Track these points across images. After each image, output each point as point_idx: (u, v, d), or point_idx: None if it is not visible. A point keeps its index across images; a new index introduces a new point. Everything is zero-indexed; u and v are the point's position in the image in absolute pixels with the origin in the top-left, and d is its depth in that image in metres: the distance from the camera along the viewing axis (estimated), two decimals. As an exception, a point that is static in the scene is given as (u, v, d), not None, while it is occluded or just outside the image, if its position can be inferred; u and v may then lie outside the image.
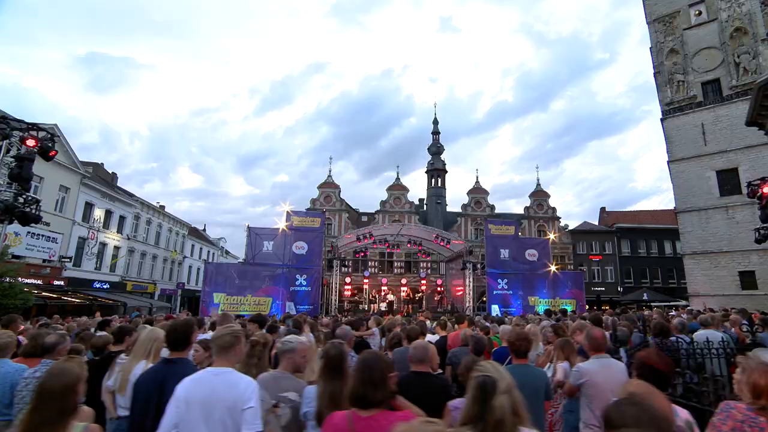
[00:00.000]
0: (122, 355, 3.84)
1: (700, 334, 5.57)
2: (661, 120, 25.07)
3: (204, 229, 49.16)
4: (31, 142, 7.74)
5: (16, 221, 7.77)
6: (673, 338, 5.31)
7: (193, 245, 42.32)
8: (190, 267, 41.52)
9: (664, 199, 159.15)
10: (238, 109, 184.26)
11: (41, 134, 8.11)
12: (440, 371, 4.35)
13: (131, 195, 33.95)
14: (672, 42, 25.42)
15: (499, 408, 1.57)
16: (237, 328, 2.67)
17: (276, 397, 2.60)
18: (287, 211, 20.74)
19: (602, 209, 43.39)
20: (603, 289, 34.64)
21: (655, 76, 25.59)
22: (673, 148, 23.91)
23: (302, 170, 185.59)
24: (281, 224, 20.52)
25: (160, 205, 37.83)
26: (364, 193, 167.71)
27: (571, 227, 39.07)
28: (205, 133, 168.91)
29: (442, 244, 24.73)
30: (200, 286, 42.70)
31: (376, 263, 34.88)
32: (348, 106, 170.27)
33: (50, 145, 8.15)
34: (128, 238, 32.07)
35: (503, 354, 4.88)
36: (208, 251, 45.87)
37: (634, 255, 36.84)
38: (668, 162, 24.29)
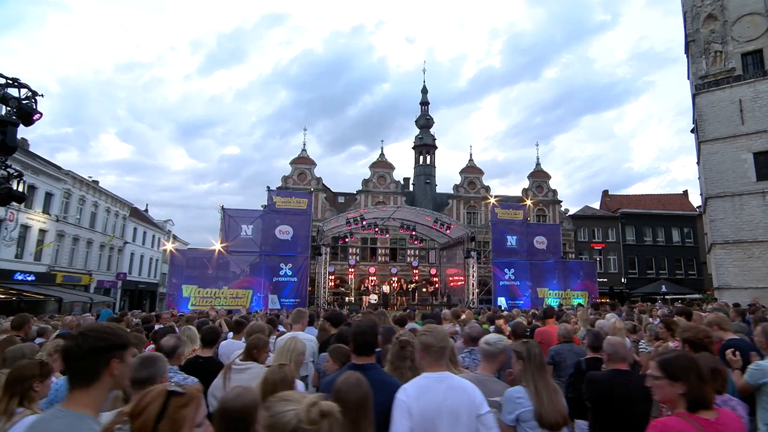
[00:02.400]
0: (237, 360, 3.82)
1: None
2: (693, 96, 25.89)
3: (146, 210, 47.36)
4: (12, 103, 7.22)
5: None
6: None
7: (135, 229, 40.80)
8: (132, 254, 40.14)
9: (661, 182, 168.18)
10: (178, 65, 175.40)
11: (23, 92, 7.58)
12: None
13: (58, 167, 32.06)
14: (710, 6, 25.68)
15: None
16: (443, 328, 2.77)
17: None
18: (269, 190, 20.40)
19: (604, 192, 45.50)
20: (605, 280, 36.54)
21: (687, 46, 26.34)
22: (706, 126, 24.72)
23: (256, 141, 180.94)
24: (260, 205, 20.22)
25: (92, 180, 36.03)
26: (328, 169, 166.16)
27: (570, 212, 40.78)
28: (135, 93, 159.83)
29: (441, 229, 25.18)
30: (144, 277, 42.17)
31: (358, 250, 35.10)
32: (311, 68, 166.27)
33: (32, 105, 7.65)
34: (57, 220, 30.46)
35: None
36: (153, 236, 44.39)
37: (639, 243, 39.11)
38: (699, 142, 25.31)
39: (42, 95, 7.80)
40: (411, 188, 41.44)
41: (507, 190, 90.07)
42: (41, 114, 7.81)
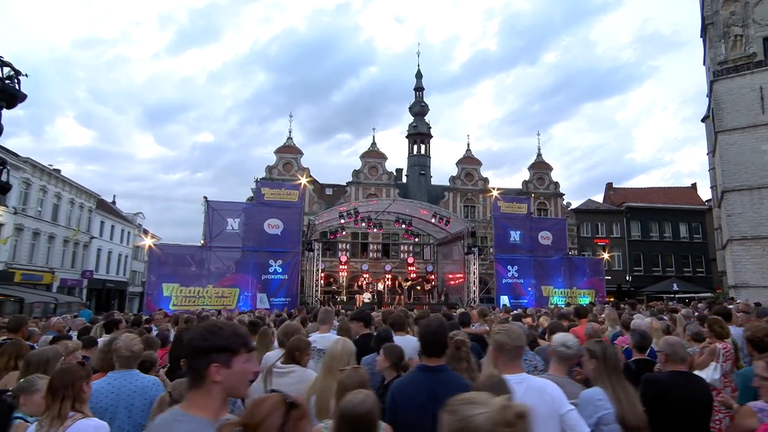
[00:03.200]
0: (278, 363, 3.85)
1: None
2: (711, 82, 26.33)
3: (113, 202, 46.61)
4: (-4, 82, 7.07)
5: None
6: None
7: (102, 222, 40.13)
8: (99, 250, 39.52)
9: (665, 174, 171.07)
10: (145, 43, 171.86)
11: (6, 71, 7.42)
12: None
13: (16, 155, 31.29)
14: (731, -14, 25.86)
15: None
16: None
17: (563, 405, 2.83)
18: (256, 181, 20.31)
19: (608, 185, 46.28)
20: (609, 277, 37.30)
21: (704, 29, 26.59)
22: (724, 115, 25.16)
23: (232, 128, 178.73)
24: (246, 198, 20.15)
25: (54, 169, 35.28)
26: (311, 159, 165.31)
27: (572, 206, 41.39)
28: (97, 72, 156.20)
29: (440, 224, 25.32)
30: (113, 275, 41.64)
31: (348, 246, 35.19)
32: (292, 48, 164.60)
33: (16, 86, 7.50)
34: (15, 213, 29.81)
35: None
36: (122, 230, 43.79)
37: (645, 239, 39.99)
38: (716, 132, 25.81)
39: (26, 75, 7.65)
40: (404, 180, 41.61)
41: (502, 182, 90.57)
42: (26, 96, 7.68)
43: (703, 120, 33.63)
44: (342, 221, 23.52)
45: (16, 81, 7.56)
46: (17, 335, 5.64)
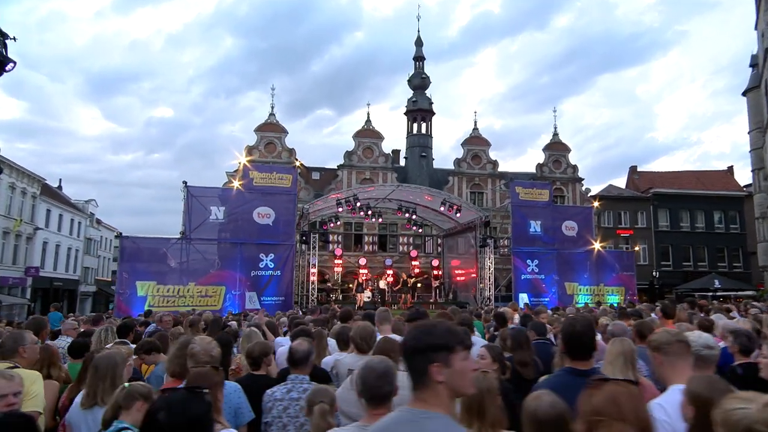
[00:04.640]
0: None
1: None
2: (766, 50, 26.43)
3: (60, 187, 45.85)
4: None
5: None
6: None
7: (48, 211, 39.47)
8: (45, 243, 38.95)
9: (691, 156, 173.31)
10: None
11: (-8, 33, 7.32)
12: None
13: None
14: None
15: None
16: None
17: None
18: (245, 164, 20.29)
19: (632, 168, 46.97)
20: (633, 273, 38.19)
21: None
22: None
23: (195, 101, 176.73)
24: (235, 182, 20.15)
25: (-12, 148, 34.55)
26: (288, 138, 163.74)
27: (590, 192, 41.96)
28: (27, 33, 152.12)
29: (449, 212, 25.56)
30: (61, 272, 41.12)
31: (340, 238, 35.29)
32: (264, 8, 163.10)
33: (3, 52, 7.41)
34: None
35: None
36: (72, 220, 43.21)
37: (674, 229, 40.74)
38: None
39: (14, 38, 7.57)
40: (402, 162, 41.74)
41: (505, 164, 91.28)
42: (15, 62, 7.61)
43: (744, 93, 33.99)
44: (339, 209, 23.58)
45: (2, 45, 7.49)
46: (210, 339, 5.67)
